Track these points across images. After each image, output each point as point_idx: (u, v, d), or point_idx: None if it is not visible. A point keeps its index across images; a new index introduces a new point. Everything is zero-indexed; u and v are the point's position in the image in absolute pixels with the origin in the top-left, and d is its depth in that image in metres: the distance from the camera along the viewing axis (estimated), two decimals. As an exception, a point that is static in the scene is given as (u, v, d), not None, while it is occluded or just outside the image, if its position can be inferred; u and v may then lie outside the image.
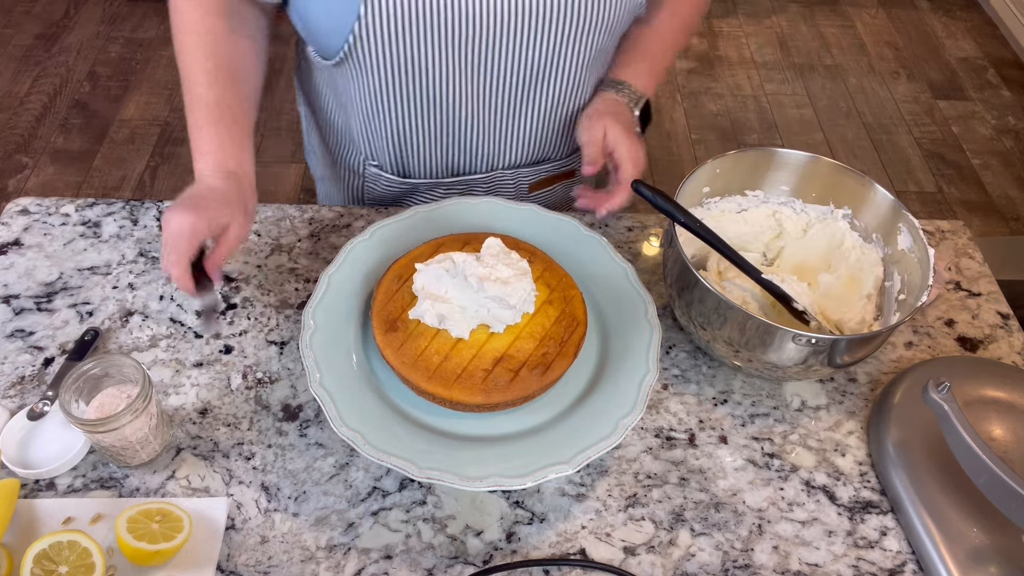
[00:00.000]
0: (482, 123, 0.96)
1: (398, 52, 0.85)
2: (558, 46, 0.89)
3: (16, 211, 0.99)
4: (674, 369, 0.88)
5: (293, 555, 0.72)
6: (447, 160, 1.01)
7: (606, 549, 0.74)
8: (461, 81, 0.90)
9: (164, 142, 2.47)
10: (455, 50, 0.86)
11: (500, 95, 0.93)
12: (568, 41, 0.89)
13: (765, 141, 2.61)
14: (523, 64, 0.90)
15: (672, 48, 1.03)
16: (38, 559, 0.65)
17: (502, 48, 0.87)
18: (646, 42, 1.00)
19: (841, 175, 0.90)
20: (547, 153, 1.06)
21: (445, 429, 0.76)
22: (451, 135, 0.97)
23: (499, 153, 1.01)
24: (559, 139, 1.04)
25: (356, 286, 0.84)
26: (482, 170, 1.04)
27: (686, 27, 1.03)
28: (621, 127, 0.91)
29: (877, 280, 0.88)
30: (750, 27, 3.10)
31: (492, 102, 0.94)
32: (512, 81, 0.92)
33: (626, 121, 0.93)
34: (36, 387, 0.82)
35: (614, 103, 0.95)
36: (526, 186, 1.09)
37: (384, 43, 0.84)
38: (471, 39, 0.85)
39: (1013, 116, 2.76)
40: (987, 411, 0.82)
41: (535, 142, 1.02)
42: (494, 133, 0.98)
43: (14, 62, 2.72)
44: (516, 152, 1.02)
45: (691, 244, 0.91)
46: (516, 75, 0.91)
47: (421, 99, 0.92)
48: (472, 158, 1.01)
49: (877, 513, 0.78)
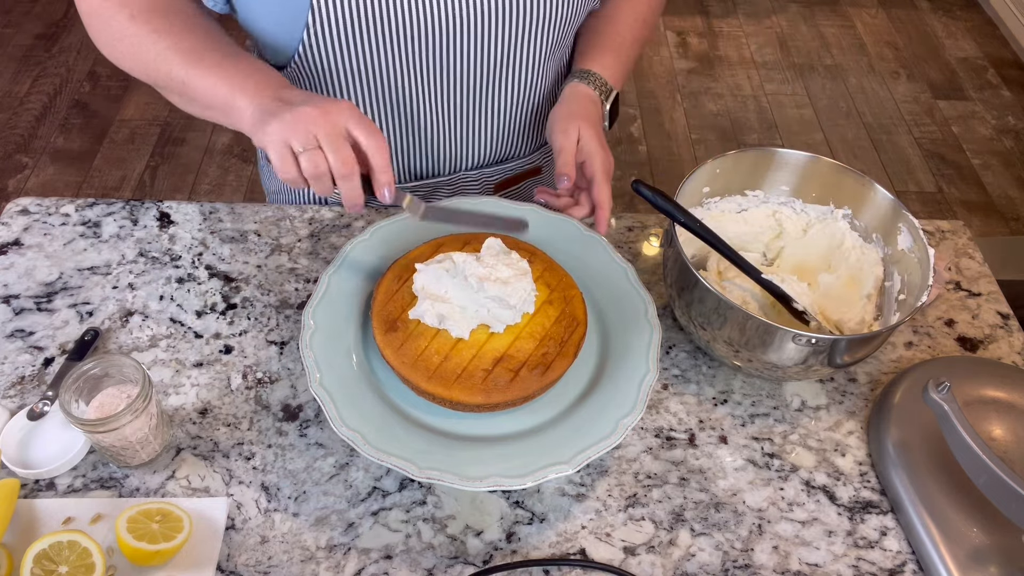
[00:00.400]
0: (442, 124, 0.96)
1: (350, 58, 0.85)
2: (513, 43, 0.88)
3: (16, 211, 0.99)
4: (674, 369, 0.88)
5: (293, 555, 0.72)
6: (409, 163, 1.01)
7: (606, 549, 0.74)
8: (417, 84, 0.89)
9: (164, 142, 2.47)
10: (408, 53, 0.85)
11: (458, 95, 0.93)
12: (523, 38, 0.88)
13: (765, 141, 2.61)
14: (479, 63, 0.89)
15: (637, 41, 1.01)
16: (38, 559, 0.65)
17: (456, 48, 0.86)
18: (609, 35, 0.98)
19: (841, 175, 0.90)
20: (510, 151, 1.05)
21: (445, 429, 0.76)
22: (412, 139, 0.97)
23: (462, 154, 1.01)
24: (521, 137, 1.04)
25: (356, 286, 0.84)
26: (445, 172, 1.03)
27: (644, 20, 1.02)
28: (594, 133, 0.89)
29: (877, 280, 0.88)
30: (750, 27, 3.10)
31: (451, 103, 0.93)
32: (469, 80, 0.91)
33: (597, 122, 0.91)
34: (36, 387, 0.82)
35: (585, 99, 0.93)
36: (491, 186, 1.09)
37: (335, 49, 0.84)
38: (423, 41, 0.84)
39: (1013, 116, 2.76)
40: (987, 411, 0.82)
41: (497, 141, 1.02)
42: (455, 134, 0.98)
43: (14, 62, 2.72)
44: (479, 152, 1.02)
45: (691, 244, 0.91)
46: (472, 74, 0.90)
47: (377, 103, 0.91)
48: (435, 161, 1.01)
49: (877, 513, 0.78)
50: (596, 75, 0.95)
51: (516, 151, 1.06)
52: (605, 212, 0.88)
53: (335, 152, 0.69)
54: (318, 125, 0.69)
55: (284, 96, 0.73)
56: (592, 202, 0.89)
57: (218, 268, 0.94)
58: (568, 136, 0.88)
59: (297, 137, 0.69)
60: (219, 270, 0.94)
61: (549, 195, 0.92)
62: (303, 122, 0.69)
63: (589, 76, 0.94)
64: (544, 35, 0.89)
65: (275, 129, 0.70)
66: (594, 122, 0.90)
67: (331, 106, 0.70)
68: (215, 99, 0.76)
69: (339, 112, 0.70)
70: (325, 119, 0.69)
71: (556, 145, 0.89)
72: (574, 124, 0.89)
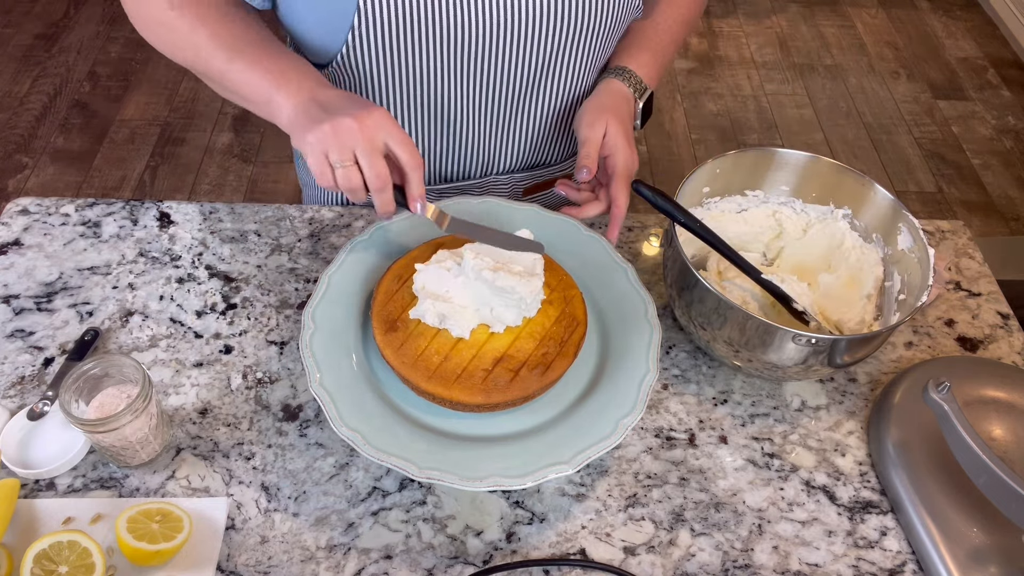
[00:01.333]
0: (479, 129, 0.96)
1: (392, 60, 0.85)
2: (555, 52, 0.88)
3: (16, 211, 0.99)
4: (674, 369, 0.88)
5: (293, 555, 0.72)
6: (442, 165, 1.01)
7: (606, 549, 0.74)
8: (458, 87, 0.89)
9: (164, 142, 2.47)
10: (451, 57, 0.85)
11: (497, 101, 0.93)
12: (565, 45, 0.88)
13: (765, 141, 2.61)
14: (520, 69, 0.89)
15: (674, 43, 1.00)
16: (38, 559, 0.65)
17: (499, 53, 0.86)
18: (648, 35, 0.98)
19: (841, 175, 0.90)
20: (543, 158, 1.05)
21: (445, 429, 0.76)
22: (446, 142, 0.97)
23: (495, 159, 1.01)
24: (555, 145, 1.03)
25: (356, 286, 0.84)
26: (477, 176, 1.03)
27: (686, 21, 1.01)
28: (622, 129, 0.88)
29: (877, 280, 0.88)
30: (750, 27, 3.10)
31: (489, 108, 0.93)
32: (509, 87, 0.91)
33: (627, 119, 0.91)
34: (36, 387, 0.82)
35: (619, 95, 0.92)
36: (520, 190, 1.09)
37: (378, 52, 0.83)
38: (468, 45, 0.84)
39: (1013, 116, 2.76)
40: (987, 411, 0.82)
41: (531, 148, 1.02)
42: (491, 139, 0.98)
43: (14, 62, 2.72)
44: (512, 157, 1.02)
45: (691, 244, 0.91)
46: (513, 80, 0.90)
47: (416, 105, 0.91)
48: (468, 164, 1.01)
49: (877, 513, 0.78)
50: (632, 73, 0.94)
51: (549, 158, 1.05)
52: (620, 211, 0.87)
53: (371, 168, 0.72)
54: (356, 139, 0.71)
55: (321, 98, 0.75)
56: (609, 199, 0.88)
57: (218, 268, 0.94)
58: (595, 129, 0.88)
59: (335, 151, 0.72)
60: (219, 270, 0.94)
61: (569, 187, 0.92)
62: (341, 135, 0.71)
63: (625, 73, 0.94)
64: (586, 43, 0.89)
65: (314, 140, 0.72)
66: (623, 118, 0.90)
67: (368, 117, 0.72)
68: (254, 94, 0.79)
69: (376, 126, 0.72)
70: (363, 133, 0.72)
71: (582, 136, 0.88)
72: (603, 118, 0.88)
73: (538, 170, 1.06)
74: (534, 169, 1.06)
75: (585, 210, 0.89)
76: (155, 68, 2.73)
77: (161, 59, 2.75)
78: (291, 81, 0.77)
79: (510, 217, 0.91)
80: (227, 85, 0.81)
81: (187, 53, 0.82)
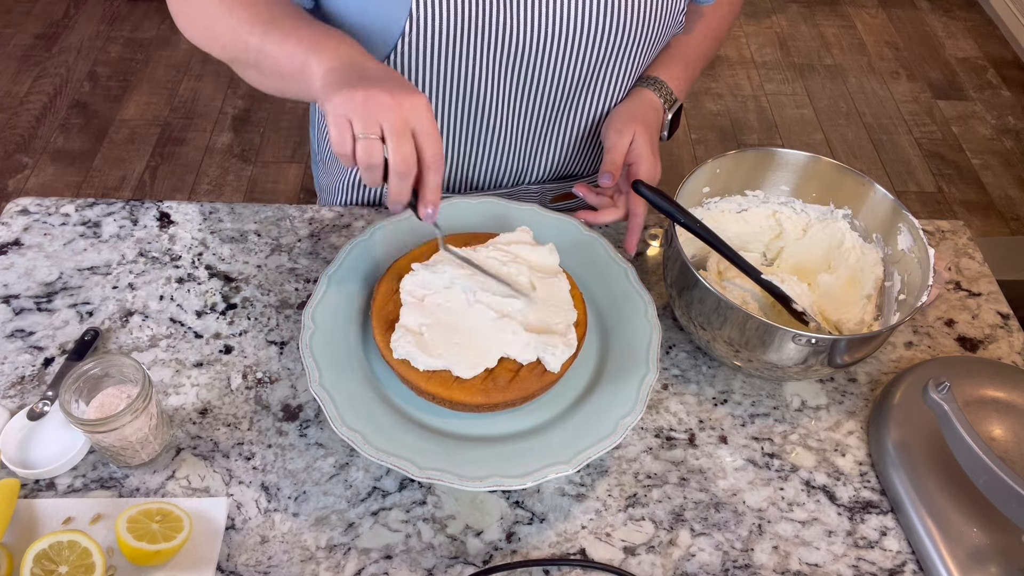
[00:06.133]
0: (516, 138, 0.96)
1: (438, 65, 0.84)
2: (599, 63, 0.88)
3: (16, 211, 0.99)
4: (674, 369, 0.88)
5: (293, 555, 0.72)
6: (475, 174, 1.01)
7: (606, 549, 0.74)
8: (502, 95, 0.89)
9: (164, 142, 2.47)
10: (499, 64, 0.85)
11: (538, 110, 0.93)
12: (608, 58, 0.88)
13: (765, 141, 2.61)
14: (564, 79, 0.89)
15: (703, 58, 1.01)
16: (38, 559, 0.65)
17: (547, 61, 0.86)
18: (682, 48, 0.99)
19: (841, 175, 0.90)
20: (575, 169, 1.05)
21: (445, 429, 0.76)
22: (484, 149, 0.97)
23: (528, 168, 1.01)
24: (588, 157, 1.04)
25: (356, 286, 0.84)
26: (508, 185, 1.03)
27: (717, 38, 1.03)
28: (648, 139, 0.89)
29: (877, 280, 0.88)
30: (750, 27, 3.10)
31: (529, 117, 0.93)
32: (551, 97, 0.91)
33: (654, 129, 0.91)
34: (36, 387, 0.82)
35: (649, 105, 0.93)
36: (549, 198, 1.09)
37: (426, 56, 0.83)
38: (517, 52, 0.84)
39: (1013, 116, 2.76)
40: (987, 411, 0.82)
41: (565, 159, 1.02)
42: (526, 149, 0.98)
43: (14, 62, 2.72)
44: (544, 167, 1.02)
45: (691, 244, 0.91)
46: (556, 90, 0.90)
47: (452, 110, 0.91)
48: (501, 172, 1.01)
49: (877, 513, 0.78)
50: (664, 84, 0.95)
51: (581, 169, 1.06)
52: (639, 220, 0.88)
53: (398, 148, 0.66)
54: (388, 114, 0.65)
55: (360, 65, 0.69)
56: (627, 207, 0.89)
57: (218, 268, 0.94)
58: (622, 136, 0.88)
59: (361, 120, 0.65)
60: (219, 270, 0.94)
61: (587, 190, 0.92)
62: (373, 106, 0.65)
63: (657, 84, 0.95)
64: (629, 55, 0.89)
65: (341, 101, 0.66)
66: (651, 128, 0.90)
67: (406, 98, 0.66)
68: (291, 63, 0.72)
69: (413, 108, 0.66)
70: (398, 111, 0.65)
71: (608, 143, 0.89)
72: (631, 126, 0.89)
73: (569, 180, 1.06)
74: (565, 179, 1.06)
75: (602, 215, 0.90)
76: (155, 68, 2.73)
77: (161, 59, 2.75)
78: (328, 48, 0.70)
79: (510, 217, 0.91)
80: (264, 63, 0.75)
81: (225, 40, 0.77)
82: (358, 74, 0.68)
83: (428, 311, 0.76)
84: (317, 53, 0.70)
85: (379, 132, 0.66)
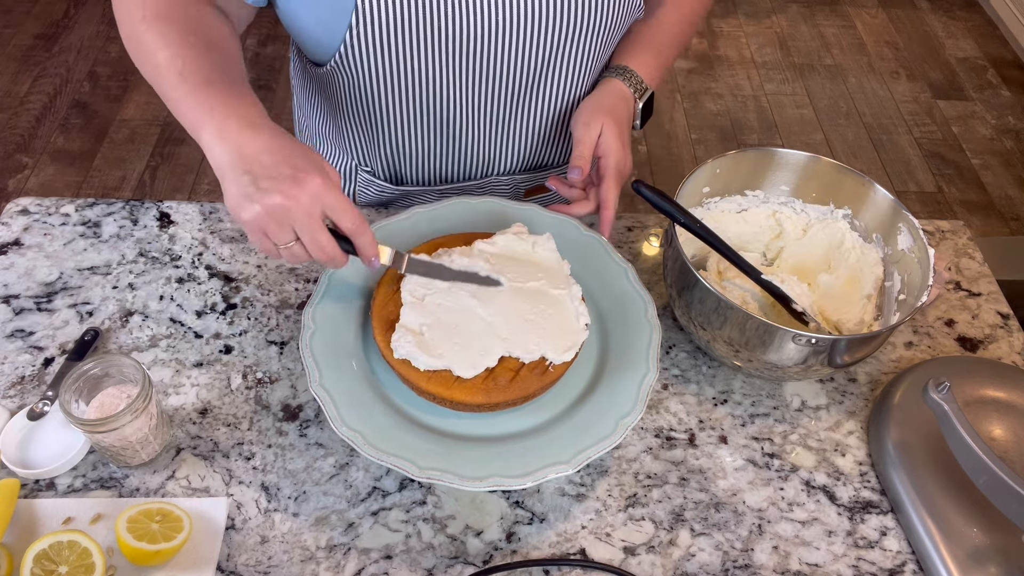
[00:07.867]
0: (478, 129, 0.96)
1: (390, 60, 0.84)
2: (550, 54, 0.88)
3: (16, 211, 0.99)
4: (674, 369, 0.88)
5: (293, 555, 0.72)
6: (442, 166, 1.01)
7: (606, 549, 0.74)
8: (456, 87, 0.89)
9: (164, 142, 2.47)
10: (449, 56, 0.85)
11: (496, 101, 0.92)
12: (564, 46, 0.88)
13: (765, 141, 2.61)
14: (514, 71, 0.89)
15: (677, 43, 1.00)
16: (38, 559, 0.65)
17: (489, 55, 0.86)
18: (651, 34, 0.97)
19: (841, 175, 0.90)
20: (544, 160, 1.05)
21: (445, 429, 0.76)
22: (446, 142, 0.97)
23: (495, 160, 1.01)
24: (557, 146, 1.03)
25: (356, 286, 0.84)
26: (477, 177, 1.03)
27: (690, 21, 1.01)
28: (616, 131, 0.88)
29: (877, 280, 0.88)
30: (750, 27, 3.10)
31: (488, 108, 0.93)
32: (508, 87, 0.91)
33: (624, 120, 0.91)
34: (36, 387, 0.82)
35: (618, 95, 0.92)
36: (522, 191, 1.09)
37: (376, 51, 0.83)
38: (465, 45, 0.84)
39: (1013, 116, 2.76)
40: (987, 411, 0.82)
41: (531, 149, 1.01)
42: (490, 140, 0.98)
43: (14, 62, 2.72)
44: (512, 159, 1.02)
45: (691, 244, 0.91)
46: (508, 82, 0.90)
47: (415, 106, 0.91)
48: (467, 165, 1.01)
49: (877, 513, 0.78)
50: (633, 72, 0.94)
51: (550, 160, 1.05)
52: (609, 212, 0.88)
53: (312, 243, 0.70)
54: (291, 216, 0.68)
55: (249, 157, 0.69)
56: (599, 200, 0.89)
57: (218, 268, 0.94)
58: (589, 129, 0.88)
59: (274, 233, 0.69)
60: (219, 270, 0.94)
61: (559, 183, 0.92)
62: (277, 214, 0.67)
63: (626, 73, 0.93)
64: (585, 45, 0.88)
65: (249, 219, 0.68)
66: (620, 120, 0.90)
67: (300, 191, 0.67)
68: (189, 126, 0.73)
69: (312, 196, 0.68)
70: (298, 208, 0.67)
71: (576, 136, 0.89)
72: (598, 118, 0.88)
73: (540, 171, 1.06)
74: (536, 170, 1.06)
75: (574, 208, 0.90)
76: (155, 68, 2.72)
77: (161, 59, 2.75)
78: (215, 118, 0.70)
79: (511, 217, 0.91)
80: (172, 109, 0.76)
81: (148, 75, 0.78)
82: (249, 176, 0.68)
83: (428, 311, 0.76)
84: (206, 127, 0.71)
85: (293, 235, 0.69)
